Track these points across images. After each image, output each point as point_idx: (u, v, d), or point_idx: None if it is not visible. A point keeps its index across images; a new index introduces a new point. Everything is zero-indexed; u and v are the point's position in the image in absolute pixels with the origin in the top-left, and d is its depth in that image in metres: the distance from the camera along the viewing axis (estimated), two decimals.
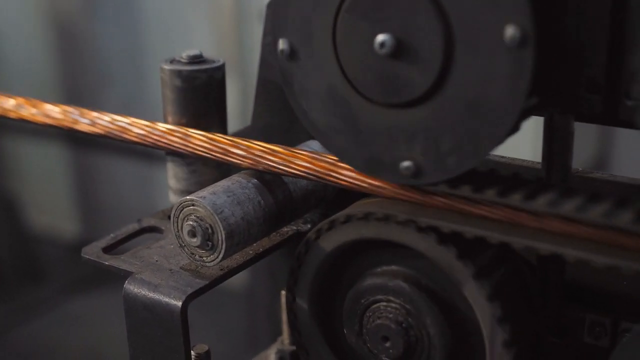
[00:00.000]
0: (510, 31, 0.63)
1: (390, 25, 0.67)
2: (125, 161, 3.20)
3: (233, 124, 0.98)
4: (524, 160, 0.82)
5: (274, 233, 0.88)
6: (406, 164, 0.70)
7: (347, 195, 0.81)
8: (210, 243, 0.78)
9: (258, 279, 2.30)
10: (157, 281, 0.79)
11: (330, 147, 0.74)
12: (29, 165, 3.54)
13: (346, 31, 0.69)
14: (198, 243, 0.78)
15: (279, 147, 0.80)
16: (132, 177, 3.22)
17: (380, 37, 0.67)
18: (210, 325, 2.51)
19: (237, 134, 0.97)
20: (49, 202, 3.53)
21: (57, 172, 3.47)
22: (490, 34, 0.64)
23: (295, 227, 0.89)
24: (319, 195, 0.87)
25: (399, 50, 0.67)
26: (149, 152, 2.59)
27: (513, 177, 0.72)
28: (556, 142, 0.73)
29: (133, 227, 0.91)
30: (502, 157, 0.83)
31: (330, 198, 0.89)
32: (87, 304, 3.05)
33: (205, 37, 2.79)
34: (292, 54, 0.73)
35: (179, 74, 0.88)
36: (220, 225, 0.77)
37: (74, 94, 3.20)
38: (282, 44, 0.73)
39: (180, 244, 0.80)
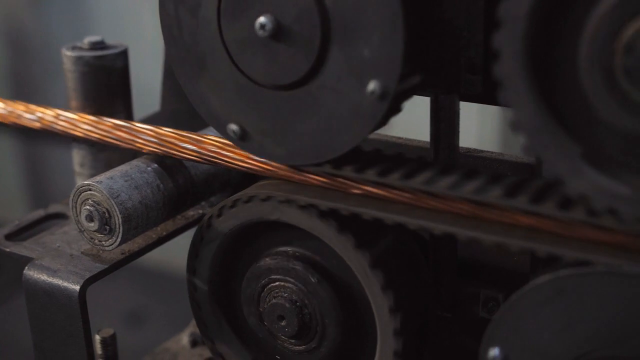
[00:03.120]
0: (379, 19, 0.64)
1: (270, 7, 0.68)
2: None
3: None
4: (417, 141, 0.84)
5: (179, 216, 0.89)
6: (235, 128, 0.72)
7: (253, 178, 0.82)
8: (108, 227, 0.79)
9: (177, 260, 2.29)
10: (56, 266, 0.80)
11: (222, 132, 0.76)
12: None
13: (229, 12, 0.70)
14: (96, 227, 0.79)
15: (175, 131, 0.81)
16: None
17: (261, 19, 0.68)
18: (125, 307, 2.48)
19: (146, 120, 0.98)
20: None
21: (6, 163, 3.43)
22: (363, 21, 0.65)
23: (201, 211, 0.91)
24: (223, 178, 0.88)
25: (279, 33, 0.68)
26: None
27: (396, 156, 0.74)
28: (442, 122, 0.75)
29: (38, 213, 0.91)
30: (399, 138, 0.85)
31: (235, 181, 0.90)
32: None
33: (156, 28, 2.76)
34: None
35: (80, 60, 0.88)
36: (117, 209, 0.78)
37: (21, 87, 3.16)
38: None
39: (79, 229, 0.81)
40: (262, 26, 0.68)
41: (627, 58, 0.55)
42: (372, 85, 0.66)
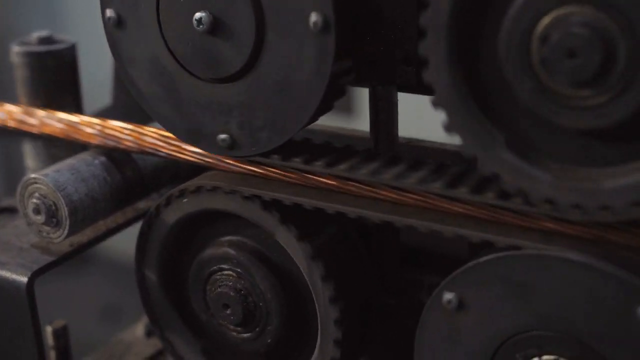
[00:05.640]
0: (313, 17, 0.66)
1: (208, 3, 0.69)
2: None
3: None
4: (358, 131, 0.86)
5: (129, 208, 0.90)
6: (222, 136, 0.73)
7: (202, 170, 0.83)
8: (55, 220, 0.80)
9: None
10: (4, 259, 0.81)
11: (154, 115, 0.77)
12: None
13: (168, 5, 0.72)
14: (43, 220, 0.80)
15: (121, 124, 0.82)
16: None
17: (198, 14, 0.69)
18: (80, 299, 2.48)
19: (97, 114, 0.99)
20: None
21: None
22: (296, 19, 0.67)
23: (151, 203, 0.92)
24: (172, 170, 0.90)
25: (216, 28, 0.69)
26: None
27: (344, 148, 0.76)
28: (381, 113, 0.77)
29: None
30: (342, 128, 0.87)
31: (185, 173, 0.92)
32: None
33: None
34: (119, 22, 0.75)
35: (28, 55, 0.89)
36: (63, 202, 0.79)
37: None
38: (109, 12, 0.75)
39: (27, 222, 0.82)
40: (200, 21, 0.69)
41: (543, 48, 0.56)
42: (313, 17, 0.66)
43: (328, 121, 0.90)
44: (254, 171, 0.74)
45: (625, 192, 0.59)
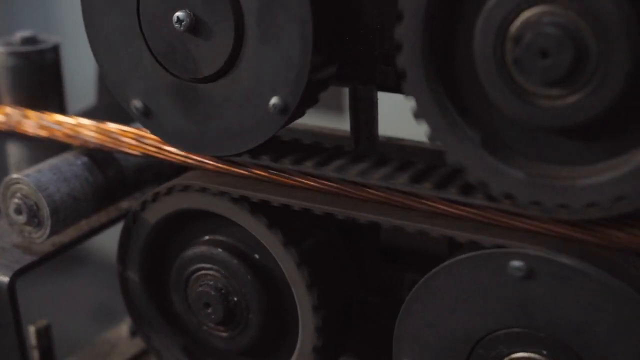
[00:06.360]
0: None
1: (188, 2, 0.70)
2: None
3: None
4: (338, 130, 0.86)
5: (112, 208, 0.90)
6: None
7: (186, 169, 0.83)
8: (36, 219, 0.80)
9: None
10: None
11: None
12: None
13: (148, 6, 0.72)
14: (25, 220, 0.80)
15: (104, 125, 0.83)
16: None
17: (178, 14, 0.70)
18: (67, 298, 2.48)
19: (82, 114, 0.99)
20: None
21: None
22: (275, 19, 0.67)
23: (134, 202, 0.92)
24: (155, 170, 0.90)
25: (196, 28, 0.69)
26: None
27: (335, 148, 0.76)
28: (361, 112, 0.77)
29: None
30: (324, 127, 0.87)
31: (168, 173, 0.92)
32: None
33: None
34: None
35: (11, 55, 0.89)
36: (45, 202, 0.79)
37: None
38: None
39: (9, 222, 0.82)
40: (179, 20, 0.70)
41: (516, 48, 0.57)
42: (273, 100, 0.69)
43: (322, 120, 0.90)
44: (235, 171, 0.74)
45: (599, 190, 0.59)
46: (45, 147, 0.93)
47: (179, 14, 0.70)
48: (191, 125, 0.74)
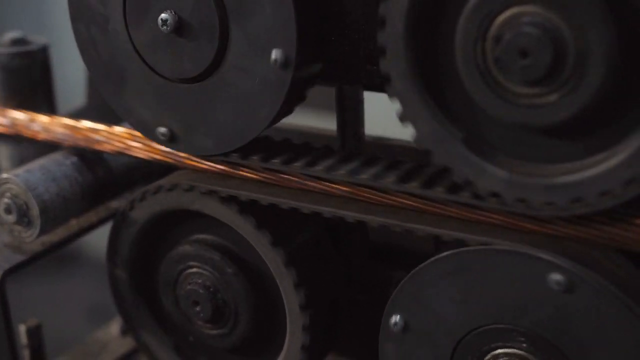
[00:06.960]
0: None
1: (172, 3, 0.70)
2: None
3: None
4: (325, 130, 0.87)
5: (102, 207, 0.91)
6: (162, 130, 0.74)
7: (177, 169, 0.84)
8: (26, 219, 0.81)
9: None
10: None
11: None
12: None
13: (134, 16, 0.72)
14: (14, 220, 0.81)
15: (93, 124, 0.83)
16: None
17: (163, 15, 0.70)
18: (57, 298, 2.48)
19: (72, 114, 0.99)
20: None
21: None
22: (259, 22, 0.68)
23: (124, 202, 0.92)
24: (145, 169, 0.90)
25: (180, 29, 0.70)
26: None
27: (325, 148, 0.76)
28: (347, 111, 0.78)
29: None
30: (310, 127, 0.88)
31: (159, 172, 0.92)
32: None
33: None
34: None
35: (0, 56, 0.90)
36: (34, 202, 0.80)
37: None
38: None
39: None
40: (164, 22, 0.70)
41: (496, 47, 0.58)
42: (274, 54, 0.68)
43: (315, 119, 0.91)
44: (224, 170, 0.75)
45: (584, 186, 0.60)
46: (32, 147, 0.94)
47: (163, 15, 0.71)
48: (205, 127, 0.74)
